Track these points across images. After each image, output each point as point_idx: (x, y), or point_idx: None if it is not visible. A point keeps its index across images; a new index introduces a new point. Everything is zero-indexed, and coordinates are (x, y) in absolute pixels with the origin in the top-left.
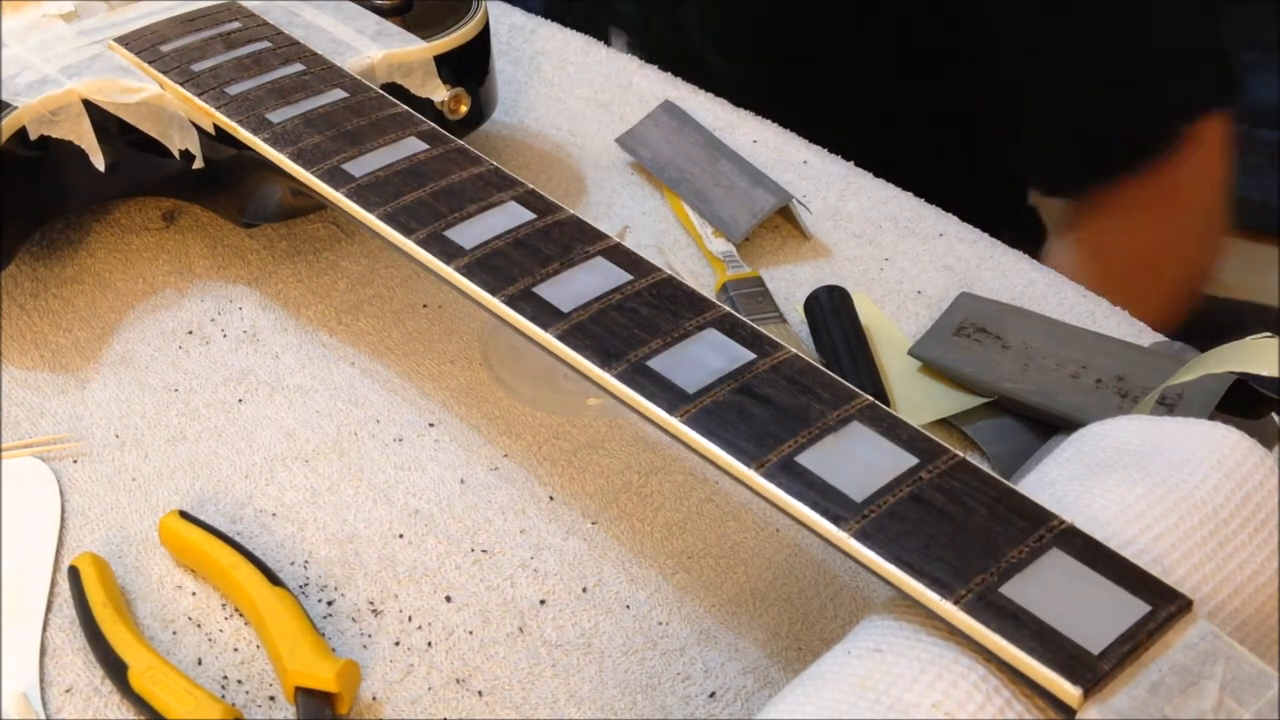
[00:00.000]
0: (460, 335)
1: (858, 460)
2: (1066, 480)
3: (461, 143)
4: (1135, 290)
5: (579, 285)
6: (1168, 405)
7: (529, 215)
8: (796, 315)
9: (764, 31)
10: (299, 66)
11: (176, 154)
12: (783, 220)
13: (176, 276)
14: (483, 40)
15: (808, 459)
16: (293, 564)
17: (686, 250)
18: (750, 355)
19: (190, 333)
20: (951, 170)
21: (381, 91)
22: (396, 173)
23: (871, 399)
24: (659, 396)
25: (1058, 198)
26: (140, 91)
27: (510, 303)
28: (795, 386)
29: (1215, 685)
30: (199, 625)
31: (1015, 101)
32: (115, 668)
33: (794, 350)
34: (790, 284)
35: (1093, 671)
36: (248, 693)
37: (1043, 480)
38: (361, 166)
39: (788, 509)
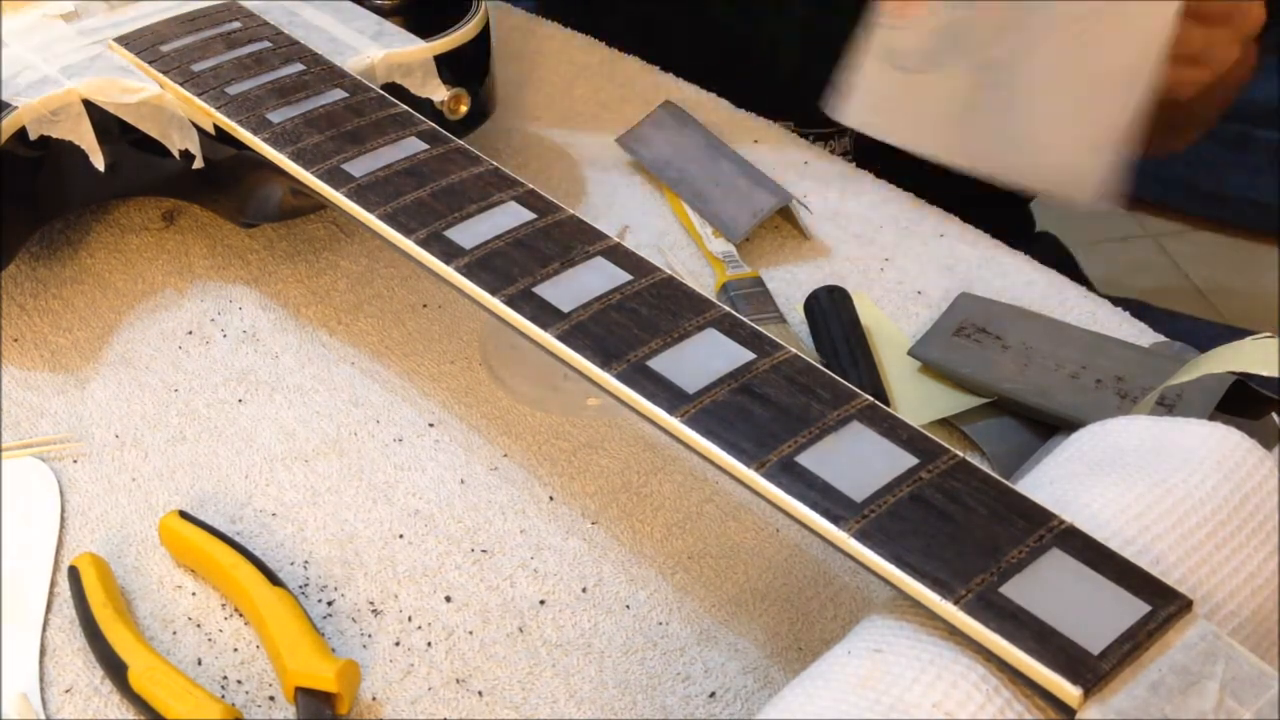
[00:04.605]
0: (460, 335)
1: (858, 460)
2: (1066, 480)
3: (461, 143)
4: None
5: (579, 285)
6: (1167, 405)
7: (529, 215)
8: (796, 315)
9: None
10: (299, 66)
11: (176, 154)
12: (783, 220)
13: (176, 276)
14: (483, 40)
15: (808, 459)
16: (293, 564)
17: (686, 250)
18: (750, 355)
19: (190, 333)
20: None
21: (381, 91)
22: (396, 173)
23: (871, 399)
24: (659, 396)
25: None
26: (140, 91)
27: (510, 303)
28: (795, 386)
29: (1215, 685)
30: (199, 625)
31: None
32: (115, 668)
33: (794, 350)
34: (790, 284)
35: (1093, 671)
36: (248, 693)
37: (1042, 480)
38: (361, 166)
39: (788, 509)
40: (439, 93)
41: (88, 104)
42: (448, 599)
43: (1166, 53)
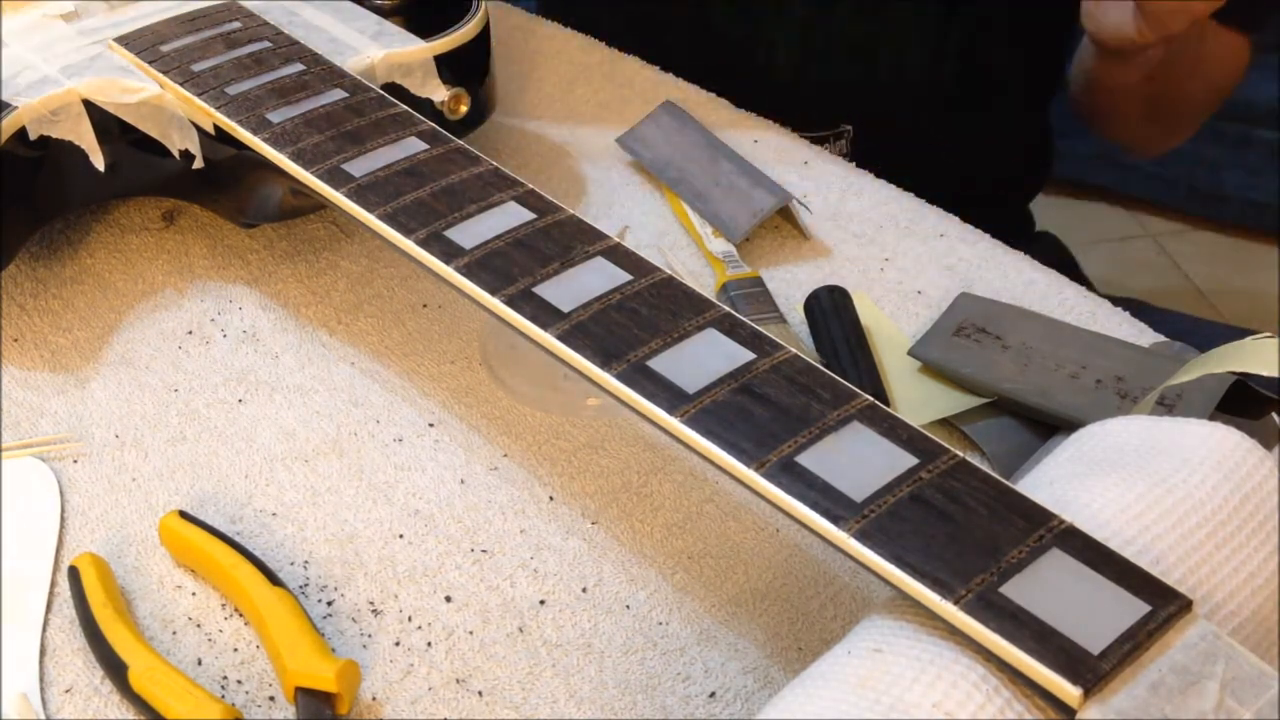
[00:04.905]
0: (460, 335)
1: (858, 460)
2: (1066, 480)
3: (461, 143)
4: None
5: (579, 285)
6: (1167, 405)
7: (529, 215)
8: (796, 315)
9: None
10: (299, 66)
11: (176, 154)
12: (783, 220)
13: (176, 276)
14: (483, 40)
15: (808, 459)
16: (293, 564)
17: (686, 250)
18: (750, 355)
19: (190, 333)
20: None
21: (381, 91)
22: (396, 173)
23: (871, 399)
24: (659, 396)
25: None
26: (140, 91)
27: (510, 303)
28: (795, 386)
29: (1215, 685)
30: (199, 625)
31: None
32: (115, 668)
33: (794, 350)
34: (790, 284)
35: (1093, 671)
36: (248, 693)
37: (1042, 480)
38: (361, 166)
39: (788, 509)
40: (439, 93)
41: (88, 104)
42: (448, 599)
43: None
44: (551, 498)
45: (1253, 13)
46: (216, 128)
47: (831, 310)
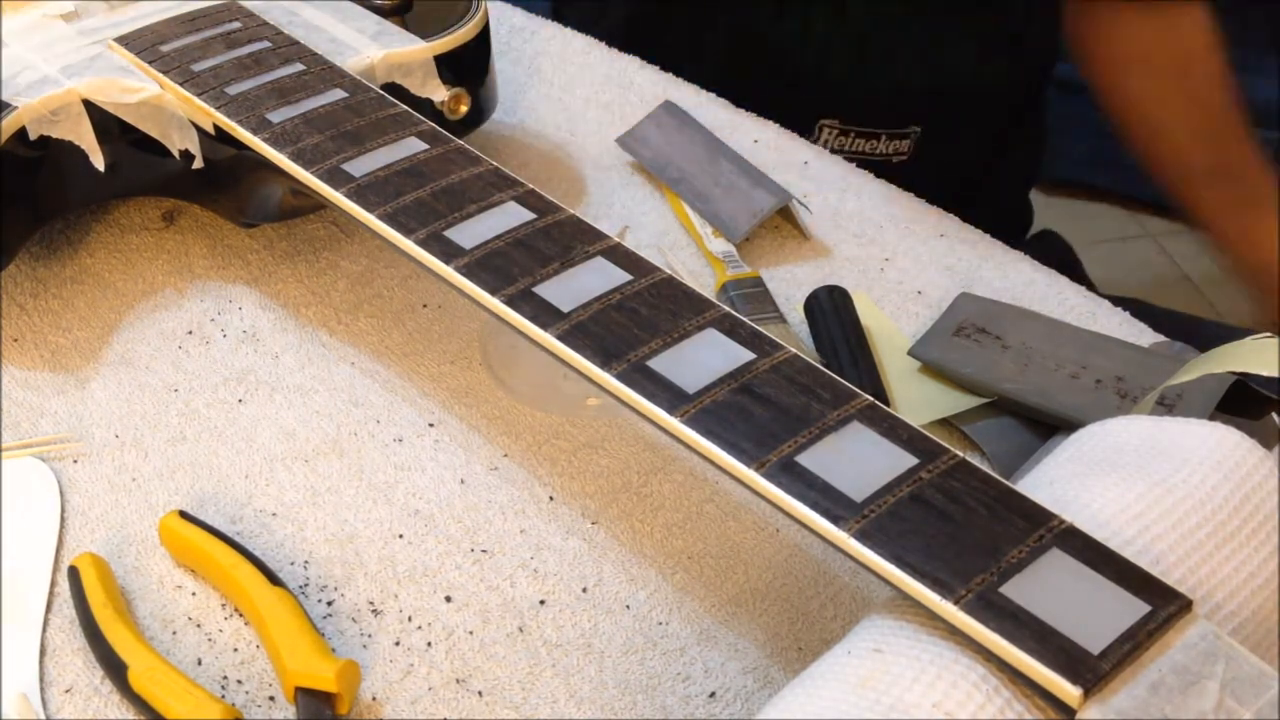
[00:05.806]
0: (460, 335)
1: (858, 460)
2: (1066, 480)
3: (461, 143)
4: None
5: (579, 285)
6: (1167, 405)
7: (529, 215)
8: (796, 315)
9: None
10: (299, 66)
11: (176, 154)
12: (783, 220)
13: (176, 276)
14: (483, 40)
15: (808, 459)
16: (293, 564)
17: (686, 250)
18: (750, 355)
19: (190, 333)
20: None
21: (381, 91)
22: (396, 173)
23: (871, 399)
24: (659, 396)
25: None
26: (140, 91)
27: (510, 303)
28: (795, 386)
29: (1215, 685)
30: (199, 625)
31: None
32: (115, 668)
33: (794, 350)
34: (790, 284)
35: (1093, 671)
36: (248, 693)
37: (1042, 480)
38: (361, 166)
39: (788, 509)
40: (439, 93)
41: (88, 104)
42: (448, 599)
43: None
44: (551, 498)
45: None
46: (216, 128)
47: (831, 310)
